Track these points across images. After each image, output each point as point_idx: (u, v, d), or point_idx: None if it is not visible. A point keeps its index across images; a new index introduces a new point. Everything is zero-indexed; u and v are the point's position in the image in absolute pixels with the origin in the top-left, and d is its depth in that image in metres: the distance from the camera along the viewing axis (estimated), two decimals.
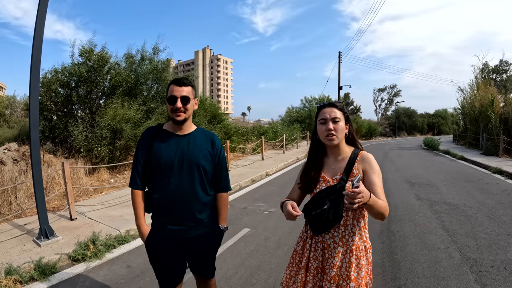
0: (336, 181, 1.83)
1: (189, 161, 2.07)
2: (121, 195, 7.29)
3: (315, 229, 1.81)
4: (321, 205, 1.74)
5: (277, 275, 3.65)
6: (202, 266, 2.32)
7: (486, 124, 17.43)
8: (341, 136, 1.84)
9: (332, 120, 1.82)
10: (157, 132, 2.16)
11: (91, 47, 9.97)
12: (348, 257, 1.78)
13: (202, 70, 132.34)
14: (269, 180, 9.96)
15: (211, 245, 2.28)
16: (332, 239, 1.83)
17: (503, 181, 9.18)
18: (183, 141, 2.11)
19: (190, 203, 2.09)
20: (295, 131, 23.67)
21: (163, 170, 2.06)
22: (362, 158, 1.85)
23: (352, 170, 1.82)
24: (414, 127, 50.87)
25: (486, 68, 25.52)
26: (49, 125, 9.97)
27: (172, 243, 2.14)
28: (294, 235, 4.82)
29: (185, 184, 2.07)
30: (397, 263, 3.90)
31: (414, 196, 7.28)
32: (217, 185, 2.25)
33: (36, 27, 4.21)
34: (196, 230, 2.14)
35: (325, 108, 1.88)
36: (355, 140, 1.94)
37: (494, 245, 4.35)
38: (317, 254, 1.88)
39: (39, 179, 4.43)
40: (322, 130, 1.84)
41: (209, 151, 2.16)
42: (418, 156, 16.98)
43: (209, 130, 2.33)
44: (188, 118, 2.11)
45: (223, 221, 2.30)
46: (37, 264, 3.72)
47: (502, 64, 34.13)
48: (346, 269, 1.77)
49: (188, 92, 2.06)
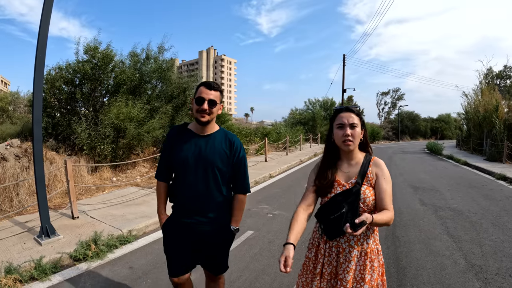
0: (351, 185, 1.84)
1: (205, 161, 2.19)
2: (123, 194, 7.25)
3: (332, 233, 1.82)
4: (339, 209, 1.76)
5: (281, 280, 3.61)
6: (210, 261, 2.40)
7: (490, 130, 17.35)
8: (358, 142, 1.87)
9: (350, 125, 1.83)
10: (181, 131, 2.32)
11: (96, 44, 9.93)
12: (362, 260, 1.81)
13: (206, 70, 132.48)
14: (272, 182, 9.91)
15: (219, 243, 2.35)
16: (347, 243, 1.84)
17: (507, 187, 9.13)
18: (203, 142, 2.23)
19: (203, 200, 2.22)
20: (298, 133, 23.64)
21: (180, 167, 2.23)
22: (375, 163, 1.89)
23: (367, 174, 1.85)
24: (417, 131, 50.78)
25: (490, 74, 25.39)
26: (52, 122, 9.93)
27: (183, 234, 2.28)
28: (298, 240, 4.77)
29: (200, 183, 2.20)
30: (403, 269, 3.86)
31: (418, 201, 7.23)
32: (234, 186, 2.36)
33: (41, 24, 4.17)
34: (206, 226, 2.25)
35: (342, 112, 1.88)
36: (368, 146, 1.97)
37: (499, 252, 4.32)
38: (331, 259, 1.88)
39: (41, 177, 4.39)
40: (340, 135, 1.85)
41: (226, 152, 2.25)
42: (422, 160, 16.91)
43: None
44: (212, 120, 2.22)
45: (234, 223, 2.36)
46: (37, 263, 3.67)
47: (506, 70, 33.90)
48: (360, 272, 1.80)
49: (215, 96, 2.16)
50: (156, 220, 5.41)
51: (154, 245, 4.64)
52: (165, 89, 11.61)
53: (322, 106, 35.69)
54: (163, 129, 10.50)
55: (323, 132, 31.44)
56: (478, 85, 22.03)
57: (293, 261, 1.67)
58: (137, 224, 5.11)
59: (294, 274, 3.73)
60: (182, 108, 11.84)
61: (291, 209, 6.48)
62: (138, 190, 7.68)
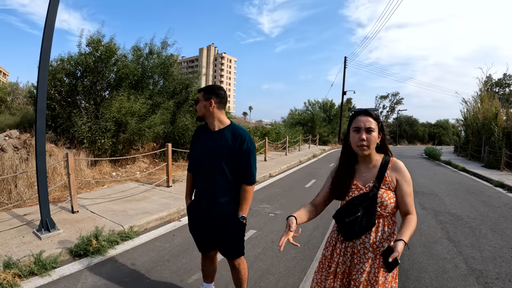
0: (368, 188, 1.83)
1: (213, 154, 2.48)
2: (123, 189, 7.20)
3: (347, 235, 1.83)
4: (355, 212, 1.77)
5: (286, 280, 3.60)
6: (222, 245, 2.67)
7: (488, 137, 17.43)
8: (373, 146, 1.85)
9: (366, 130, 1.81)
10: (202, 129, 2.66)
11: (99, 37, 9.86)
12: (377, 263, 1.79)
13: (206, 68, 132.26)
14: (272, 182, 9.90)
15: (228, 228, 2.58)
16: (362, 245, 1.83)
17: (505, 194, 9.16)
18: (213, 136, 2.53)
19: (211, 187, 2.51)
20: (298, 133, 23.66)
21: (195, 160, 2.63)
22: (393, 166, 1.87)
23: (385, 177, 1.83)
24: (415, 136, 51.08)
25: (489, 81, 25.51)
26: (52, 114, 9.84)
27: (199, 216, 2.64)
28: (301, 239, 4.77)
29: (208, 172, 2.51)
30: (405, 271, 3.88)
31: (418, 205, 7.23)
32: (241, 177, 2.55)
33: (48, 11, 4.10)
34: (214, 210, 2.53)
35: (360, 116, 1.86)
36: (386, 148, 1.94)
37: (499, 258, 4.37)
38: (346, 259, 1.88)
39: (42, 169, 4.33)
40: (355, 139, 1.83)
41: (231, 144, 2.46)
42: (420, 165, 16.95)
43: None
44: (203, 116, 2.57)
45: (242, 211, 2.56)
46: (37, 258, 3.60)
47: (505, 78, 34.06)
48: (374, 274, 1.79)
49: (199, 96, 2.57)
50: (157, 216, 5.41)
51: (156, 242, 4.61)
52: (167, 85, 11.54)
53: (322, 107, 35.74)
54: (164, 125, 10.45)
55: (322, 134, 31.51)
56: (478, 92, 22.14)
57: (294, 258, 1.64)
58: (138, 220, 5.08)
59: (300, 274, 3.74)
60: (184, 104, 11.78)
61: (292, 210, 6.44)
62: (138, 185, 7.64)
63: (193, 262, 3.92)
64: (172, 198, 6.57)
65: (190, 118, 11.39)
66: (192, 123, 11.22)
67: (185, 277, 3.58)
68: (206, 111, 2.52)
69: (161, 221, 5.45)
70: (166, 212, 5.64)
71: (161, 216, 5.48)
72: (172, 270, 3.75)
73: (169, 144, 7.82)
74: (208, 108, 2.50)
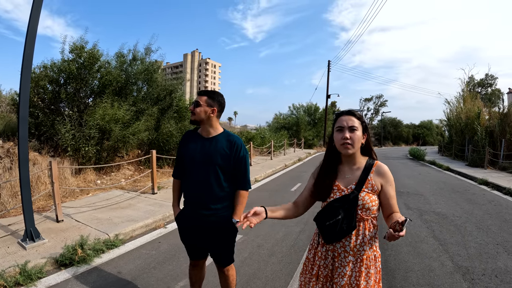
0: (350, 190, 1.80)
1: (208, 160, 2.45)
2: (108, 197, 7.12)
3: (328, 238, 1.81)
4: (335, 215, 1.75)
5: (273, 283, 3.60)
6: (215, 252, 2.65)
7: (472, 136, 17.77)
8: (357, 145, 1.82)
9: (349, 128, 1.80)
10: (192, 135, 2.63)
11: (82, 44, 9.73)
12: (358, 267, 1.78)
13: (190, 73, 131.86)
14: (258, 186, 9.91)
15: (222, 235, 2.58)
16: (343, 248, 1.81)
17: (489, 192, 9.34)
18: (207, 143, 2.51)
19: (206, 195, 2.47)
20: (283, 137, 23.69)
21: (187, 165, 2.54)
22: (378, 170, 1.85)
23: (367, 180, 1.81)
24: (399, 137, 51.73)
25: (472, 82, 26.00)
26: (35, 122, 9.66)
27: (192, 225, 2.58)
28: (286, 243, 4.78)
29: (202, 178, 2.47)
30: (392, 271, 3.91)
31: (403, 205, 7.32)
32: (236, 183, 2.56)
33: (30, 18, 4.05)
34: (209, 218, 2.50)
35: (343, 115, 1.85)
36: (371, 150, 1.93)
37: (484, 254, 4.45)
38: (327, 263, 1.87)
39: (26, 178, 4.25)
40: (338, 138, 1.82)
41: (227, 151, 2.47)
42: (405, 166, 17.16)
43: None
44: (200, 121, 2.51)
45: (236, 216, 2.55)
46: (22, 268, 3.54)
47: (487, 78, 34.84)
48: (356, 278, 1.77)
49: (201, 99, 2.49)
50: (142, 224, 5.36)
51: (142, 249, 4.56)
52: (151, 91, 11.44)
53: (306, 111, 35.91)
54: (149, 132, 10.37)
55: (307, 137, 31.64)
56: (460, 92, 22.57)
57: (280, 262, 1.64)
58: (123, 228, 5.02)
59: (286, 278, 3.74)
60: (168, 110, 11.69)
61: None
62: (123, 193, 7.56)
63: (180, 269, 3.90)
64: (158, 205, 6.52)
65: (174, 124, 11.32)
66: (176, 129, 11.16)
67: (172, 284, 3.55)
68: (205, 117, 2.49)
69: (147, 229, 5.40)
70: (152, 219, 5.59)
71: (146, 223, 5.44)
72: (158, 277, 3.71)
73: (153, 150, 7.76)
74: (209, 115, 2.49)
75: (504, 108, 16.99)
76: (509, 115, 15.69)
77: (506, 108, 16.83)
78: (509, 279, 3.69)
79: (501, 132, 15.68)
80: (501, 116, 16.36)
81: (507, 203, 7.77)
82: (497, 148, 15.39)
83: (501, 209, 7.15)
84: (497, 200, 8.17)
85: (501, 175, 12.37)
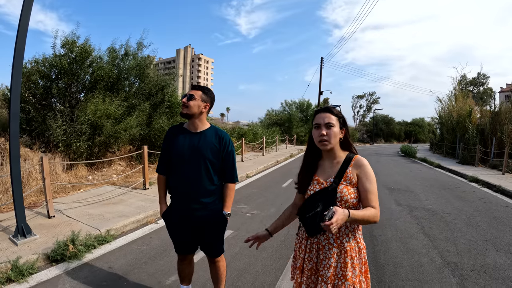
0: (329, 183, 1.85)
1: (197, 154, 2.48)
2: (99, 193, 7.09)
3: (310, 231, 1.83)
4: (314, 207, 1.78)
5: (263, 278, 3.63)
6: (206, 244, 2.70)
7: (463, 134, 17.92)
8: (334, 141, 1.86)
9: (325, 125, 1.84)
10: (178, 129, 2.62)
11: (74, 38, 9.66)
12: (343, 258, 1.81)
13: (183, 69, 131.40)
14: (250, 182, 9.92)
15: (214, 227, 2.63)
16: (327, 241, 1.85)
17: (480, 189, 9.46)
18: (195, 138, 2.53)
19: (196, 189, 2.50)
20: (275, 134, 23.75)
21: (176, 160, 2.53)
22: (356, 163, 1.88)
23: (346, 173, 1.85)
24: (391, 135, 51.99)
25: (464, 80, 26.22)
26: (26, 117, 9.58)
27: (181, 220, 2.59)
28: (277, 239, 4.80)
29: (193, 173, 2.49)
30: (381, 266, 3.95)
31: (394, 202, 7.39)
32: (224, 176, 2.64)
33: (22, 14, 4.02)
34: (200, 212, 2.53)
35: (320, 113, 1.90)
36: (350, 145, 1.96)
37: (473, 250, 4.51)
38: (312, 256, 1.91)
39: (17, 175, 4.21)
40: (316, 135, 1.88)
41: (216, 146, 2.53)
42: (396, 163, 17.29)
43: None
44: (192, 115, 2.50)
45: (226, 208, 2.64)
46: (14, 264, 3.52)
47: (479, 77, 35.15)
48: (341, 269, 1.81)
49: (196, 93, 2.50)
50: (134, 219, 5.36)
51: (133, 244, 4.57)
52: (143, 86, 11.37)
53: (299, 107, 36.03)
54: (140, 127, 10.33)
55: (299, 133, 31.72)
56: (452, 91, 22.73)
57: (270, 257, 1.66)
58: (115, 224, 5.02)
59: (276, 272, 3.77)
60: (160, 106, 11.64)
61: (269, 209, 6.53)
62: (115, 189, 7.54)
63: (171, 264, 3.91)
64: (149, 201, 6.52)
65: (166, 119, 11.27)
66: (168, 124, 11.10)
67: (163, 279, 3.56)
68: (198, 112, 2.51)
69: (138, 224, 5.40)
70: (143, 214, 5.59)
71: (138, 219, 5.44)
72: (149, 272, 3.73)
73: (145, 146, 7.74)
74: (202, 110, 2.52)
75: (496, 107, 17.18)
76: (500, 114, 15.86)
77: (497, 106, 17.02)
78: (497, 275, 3.74)
79: (492, 131, 15.85)
80: (492, 115, 16.53)
81: (496, 200, 7.89)
82: (488, 146, 15.56)
83: (490, 206, 7.26)
84: (487, 197, 8.29)
85: (491, 172, 12.54)
